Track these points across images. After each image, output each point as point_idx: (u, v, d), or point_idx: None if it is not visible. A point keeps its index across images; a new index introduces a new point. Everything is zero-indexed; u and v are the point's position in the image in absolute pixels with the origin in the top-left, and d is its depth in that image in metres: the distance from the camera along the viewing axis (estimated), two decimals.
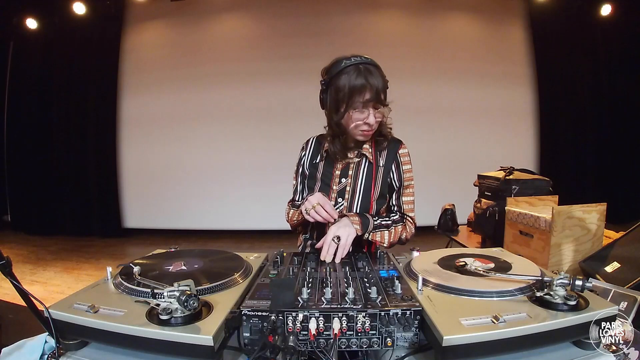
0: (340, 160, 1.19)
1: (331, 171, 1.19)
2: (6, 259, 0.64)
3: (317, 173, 1.21)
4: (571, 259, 1.44)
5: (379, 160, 1.18)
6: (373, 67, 1.05)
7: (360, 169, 1.17)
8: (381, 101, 1.06)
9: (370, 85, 1.02)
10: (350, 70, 1.03)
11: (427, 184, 4.93)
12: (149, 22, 5.13)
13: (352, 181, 1.16)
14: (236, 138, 4.88)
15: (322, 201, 1.05)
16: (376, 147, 1.18)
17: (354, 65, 1.03)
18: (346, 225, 1.03)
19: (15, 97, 5.37)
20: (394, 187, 1.21)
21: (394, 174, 1.19)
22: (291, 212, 1.22)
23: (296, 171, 1.28)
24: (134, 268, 0.74)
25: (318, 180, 1.20)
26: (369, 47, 4.90)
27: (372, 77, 1.03)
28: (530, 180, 1.89)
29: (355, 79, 1.02)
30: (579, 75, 4.96)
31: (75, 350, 0.67)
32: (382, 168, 1.18)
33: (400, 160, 1.19)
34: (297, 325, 0.64)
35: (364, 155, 1.17)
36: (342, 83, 1.04)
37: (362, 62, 1.04)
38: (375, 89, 1.03)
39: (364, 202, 1.15)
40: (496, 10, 5.03)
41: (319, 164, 1.21)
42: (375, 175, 1.16)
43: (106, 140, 5.13)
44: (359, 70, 1.03)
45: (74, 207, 5.24)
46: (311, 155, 1.24)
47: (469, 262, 0.84)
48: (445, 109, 4.98)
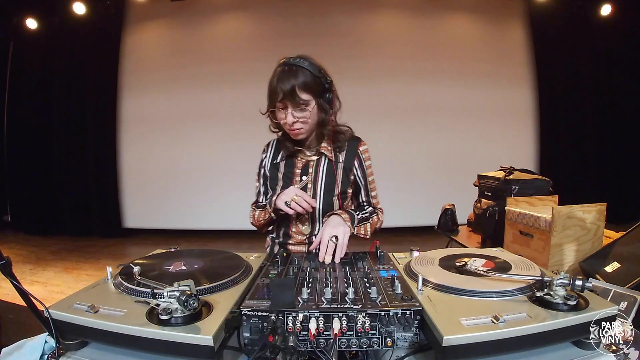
0: (300, 159, 1.21)
1: (292, 170, 1.21)
2: (6, 259, 0.64)
3: (278, 173, 1.24)
4: (571, 259, 1.44)
5: (338, 157, 1.20)
6: (296, 67, 1.05)
7: (320, 166, 1.20)
8: (295, 101, 1.05)
9: (281, 86, 1.04)
10: (277, 71, 1.06)
11: (427, 184, 4.96)
12: (149, 22, 5.13)
13: (312, 179, 1.19)
14: (236, 138, 4.87)
15: (300, 193, 1.07)
16: (334, 144, 1.20)
17: (281, 66, 1.07)
18: (340, 224, 1.04)
19: (15, 97, 5.37)
20: (360, 184, 1.23)
21: (358, 170, 1.22)
22: (257, 213, 1.24)
23: (258, 173, 1.31)
24: (134, 268, 0.74)
25: (279, 179, 1.23)
26: (369, 47, 4.91)
27: (287, 78, 1.03)
28: (530, 180, 1.89)
29: (275, 80, 1.05)
30: (579, 75, 4.96)
31: (75, 350, 0.67)
32: (342, 164, 1.20)
33: (362, 157, 1.22)
34: (297, 325, 0.64)
35: (323, 153, 1.20)
36: (269, 85, 1.08)
37: (288, 62, 1.06)
38: (285, 89, 1.03)
39: (326, 199, 1.17)
40: (496, 10, 5.03)
41: (279, 164, 1.24)
42: (336, 172, 1.19)
43: (106, 140, 5.13)
44: (284, 71, 1.05)
45: (74, 207, 5.24)
46: (272, 157, 1.26)
47: (469, 262, 0.84)
48: (445, 109, 4.98)
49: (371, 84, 4.85)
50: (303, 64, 1.06)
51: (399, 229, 4.74)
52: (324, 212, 1.18)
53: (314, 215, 1.18)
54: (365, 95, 4.86)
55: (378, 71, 4.88)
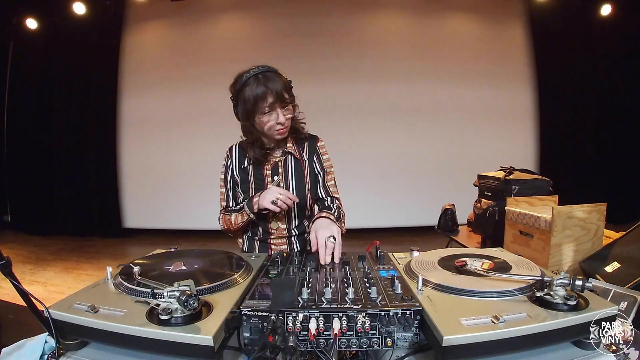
0: (268, 161, 1.28)
1: (262, 172, 1.28)
2: (6, 259, 0.64)
3: (248, 177, 1.29)
4: (571, 259, 1.44)
5: (302, 155, 1.30)
6: (271, 73, 1.15)
7: (288, 165, 1.28)
8: (285, 101, 1.15)
9: (270, 90, 1.11)
10: (251, 82, 1.13)
11: (427, 184, 4.95)
12: (149, 22, 5.12)
13: (283, 177, 1.27)
14: (236, 138, 4.85)
15: (282, 191, 1.14)
16: (297, 145, 1.30)
17: (253, 76, 1.13)
18: (330, 224, 1.07)
19: (15, 97, 5.37)
20: (318, 175, 1.33)
21: (316, 164, 1.32)
22: (233, 217, 1.27)
23: (223, 179, 1.34)
24: (134, 268, 0.74)
25: (252, 182, 1.29)
26: (369, 47, 4.91)
27: (270, 83, 1.12)
28: (530, 180, 1.89)
29: (257, 87, 1.12)
30: (579, 75, 4.96)
31: (75, 350, 0.67)
32: (306, 161, 1.30)
33: (320, 152, 1.32)
34: (297, 325, 0.64)
35: (289, 152, 1.28)
36: (247, 95, 1.14)
37: (260, 71, 1.14)
38: (275, 92, 1.12)
39: (299, 195, 1.24)
40: (496, 10, 5.03)
41: (248, 168, 1.29)
42: (303, 168, 1.29)
43: (106, 140, 5.12)
44: (258, 79, 1.12)
45: (74, 207, 5.24)
46: (238, 162, 1.31)
47: (469, 262, 0.84)
48: (445, 108, 4.98)
49: (371, 84, 4.85)
50: (274, 70, 1.16)
51: (399, 229, 4.74)
52: (299, 207, 1.25)
53: (289, 210, 1.25)
54: (365, 95, 4.86)
55: (378, 71, 4.88)
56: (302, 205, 1.26)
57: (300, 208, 1.27)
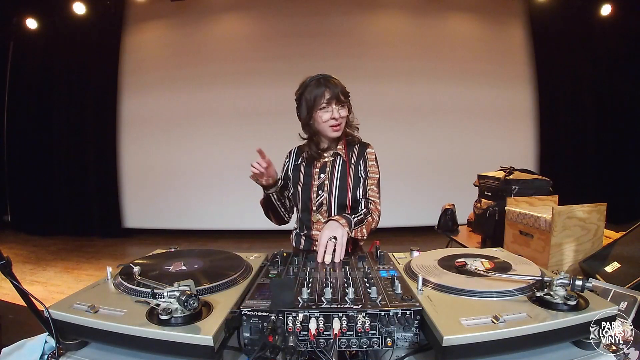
0: (318, 160, 1.39)
1: (311, 169, 1.40)
2: (6, 259, 0.64)
3: (299, 173, 1.42)
4: (571, 259, 1.44)
5: (351, 158, 1.39)
6: (330, 78, 1.31)
7: (336, 165, 1.38)
8: (341, 99, 1.29)
9: (328, 88, 1.27)
10: (312, 84, 1.29)
11: (427, 184, 4.95)
12: (149, 22, 5.12)
13: (329, 176, 1.37)
14: (236, 138, 4.87)
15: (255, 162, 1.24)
16: (348, 148, 1.40)
17: (315, 80, 1.30)
18: (338, 227, 1.10)
19: (15, 97, 5.36)
20: (361, 178, 1.40)
21: (361, 167, 1.40)
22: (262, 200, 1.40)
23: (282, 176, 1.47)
24: (134, 268, 0.74)
25: (301, 178, 1.40)
26: (369, 47, 4.91)
27: (329, 83, 1.28)
28: (530, 180, 1.89)
29: (317, 88, 1.28)
30: (579, 75, 4.96)
31: (75, 350, 0.67)
32: (353, 164, 1.39)
33: (367, 157, 1.41)
34: (297, 325, 0.64)
35: (338, 154, 1.38)
36: (308, 96, 1.30)
37: (321, 76, 1.31)
38: (333, 90, 1.27)
39: (341, 194, 1.34)
40: (496, 10, 5.03)
41: (300, 165, 1.43)
42: (349, 170, 1.37)
43: (106, 140, 5.12)
44: (320, 82, 1.29)
45: (74, 207, 5.23)
46: (294, 161, 1.46)
47: (469, 262, 0.84)
48: (445, 108, 4.97)
49: (371, 84, 4.84)
50: (332, 76, 1.32)
51: (399, 229, 4.74)
52: (338, 204, 1.34)
53: (330, 206, 1.35)
54: (365, 95, 4.85)
55: (378, 71, 4.88)
56: (343, 204, 1.34)
57: (340, 206, 1.34)
